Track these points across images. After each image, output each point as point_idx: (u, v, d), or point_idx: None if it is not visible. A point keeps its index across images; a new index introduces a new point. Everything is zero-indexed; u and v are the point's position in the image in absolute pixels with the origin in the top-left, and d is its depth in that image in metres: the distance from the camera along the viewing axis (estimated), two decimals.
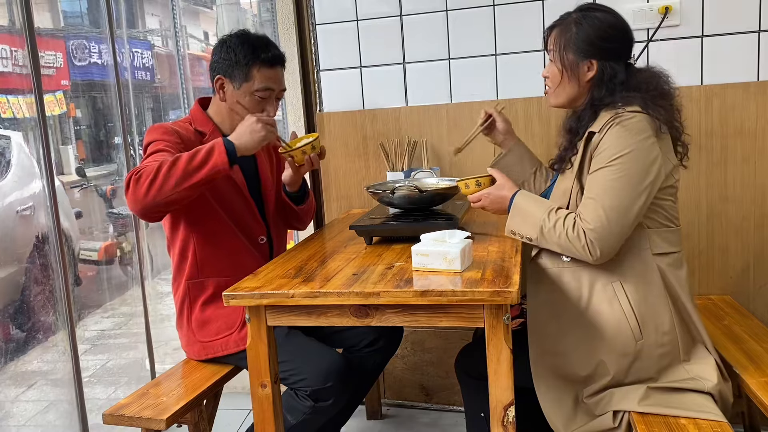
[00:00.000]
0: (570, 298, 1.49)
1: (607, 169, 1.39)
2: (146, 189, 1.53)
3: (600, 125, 1.43)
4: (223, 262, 1.79)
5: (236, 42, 1.76)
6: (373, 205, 2.22)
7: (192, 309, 1.82)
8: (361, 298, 1.32)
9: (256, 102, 1.77)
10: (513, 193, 1.52)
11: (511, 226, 1.51)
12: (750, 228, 2.06)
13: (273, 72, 1.78)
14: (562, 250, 1.44)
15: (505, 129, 1.82)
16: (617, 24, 1.49)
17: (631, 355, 1.43)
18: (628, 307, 1.43)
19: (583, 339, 1.47)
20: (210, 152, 1.56)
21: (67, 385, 2.09)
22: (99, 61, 10.42)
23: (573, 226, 1.40)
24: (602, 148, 1.41)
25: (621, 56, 1.49)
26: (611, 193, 1.38)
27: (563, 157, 1.54)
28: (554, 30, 1.54)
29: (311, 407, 1.63)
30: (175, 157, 1.56)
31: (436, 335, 2.39)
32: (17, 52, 5.89)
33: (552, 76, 1.54)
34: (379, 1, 2.29)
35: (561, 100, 1.55)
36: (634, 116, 1.40)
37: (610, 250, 1.40)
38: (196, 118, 1.83)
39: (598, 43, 1.47)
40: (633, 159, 1.37)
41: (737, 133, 2.02)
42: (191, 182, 1.55)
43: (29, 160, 3.95)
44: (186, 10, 13.40)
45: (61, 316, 2.08)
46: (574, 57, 1.48)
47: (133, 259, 4.96)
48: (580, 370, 1.48)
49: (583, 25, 1.48)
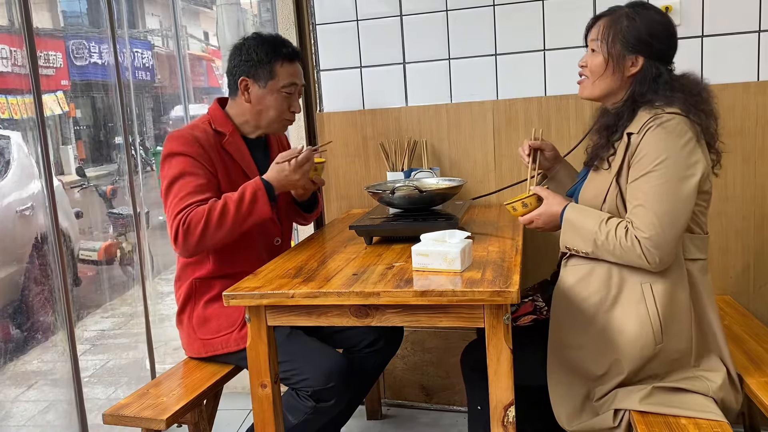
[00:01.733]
0: (597, 294, 1.47)
1: (651, 175, 1.37)
2: (197, 240, 1.64)
3: (638, 126, 1.41)
4: (237, 264, 1.79)
5: (254, 43, 1.79)
6: (373, 205, 2.22)
7: (195, 306, 1.82)
8: (361, 298, 1.32)
9: (282, 99, 1.81)
10: (563, 209, 1.50)
11: (566, 242, 1.50)
12: (750, 228, 2.06)
13: (294, 67, 1.82)
14: (618, 260, 1.42)
15: (553, 155, 1.74)
16: (669, 26, 1.47)
17: (648, 357, 1.43)
18: (654, 310, 1.42)
19: (603, 336, 1.46)
20: (254, 200, 1.67)
21: (67, 385, 2.08)
22: (99, 61, 10.42)
23: (626, 235, 1.38)
24: (643, 152, 1.39)
25: (666, 58, 1.48)
26: (660, 198, 1.36)
27: (599, 155, 1.51)
28: (602, 20, 1.51)
29: (313, 407, 1.63)
30: (222, 209, 1.65)
31: (436, 335, 2.39)
32: (16, 52, 5.89)
33: (593, 67, 1.51)
34: (379, 1, 2.29)
35: (597, 92, 1.52)
36: (673, 118, 1.38)
37: (668, 256, 1.38)
38: (215, 118, 1.84)
39: (647, 39, 1.44)
40: (676, 162, 1.36)
41: (737, 133, 2.02)
42: (238, 232, 1.69)
43: (29, 160, 3.94)
44: (186, 10, 13.42)
45: (60, 316, 2.08)
46: (622, 49, 1.46)
47: (133, 259, 4.96)
48: (595, 367, 1.47)
49: (636, 20, 1.45)
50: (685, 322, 1.44)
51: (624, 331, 1.44)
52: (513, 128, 2.19)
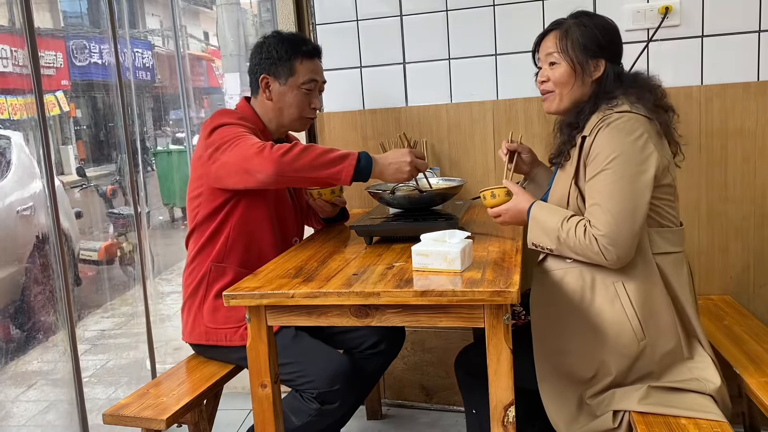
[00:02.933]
0: (573, 299, 1.49)
1: (604, 173, 1.40)
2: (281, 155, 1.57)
3: (590, 128, 1.45)
4: (251, 254, 1.79)
5: (274, 41, 1.80)
6: (373, 205, 2.22)
7: (208, 292, 1.79)
8: (361, 298, 1.32)
9: (303, 95, 1.81)
10: (530, 205, 1.52)
11: (532, 239, 1.52)
12: (750, 228, 2.06)
13: (314, 64, 1.83)
14: (580, 257, 1.44)
15: (530, 159, 1.79)
16: (614, 27, 1.53)
17: (634, 355, 1.43)
18: (629, 307, 1.43)
19: (586, 339, 1.47)
20: (343, 158, 1.62)
21: (67, 385, 2.09)
22: (99, 61, 10.43)
23: (584, 233, 1.40)
24: (595, 152, 1.42)
25: (619, 59, 1.53)
26: (614, 196, 1.38)
27: (562, 150, 1.54)
28: (552, 33, 1.54)
29: (317, 409, 1.63)
30: (311, 145, 1.62)
31: (436, 335, 2.39)
32: (17, 52, 5.90)
33: (558, 78, 1.52)
34: (379, 1, 2.29)
35: (566, 103, 1.54)
36: (622, 116, 1.41)
37: (626, 253, 1.39)
38: (247, 116, 1.83)
39: (605, 43, 1.49)
40: (628, 159, 1.38)
41: (737, 133, 2.02)
42: (312, 175, 1.60)
43: (29, 160, 3.95)
44: (186, 10, 13.42)
45: (61, 316, 2.08)
46: (584, 56, 1.49)
47: (134, 259, 4.97)
48: (583, 370, 1.48)
49: (588, 26, 1.49)
50: (667, 318, 1.44)
51: (604, 332, 1.45)
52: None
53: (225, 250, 1.78)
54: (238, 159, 1.61)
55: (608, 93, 1.48)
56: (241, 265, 1.78)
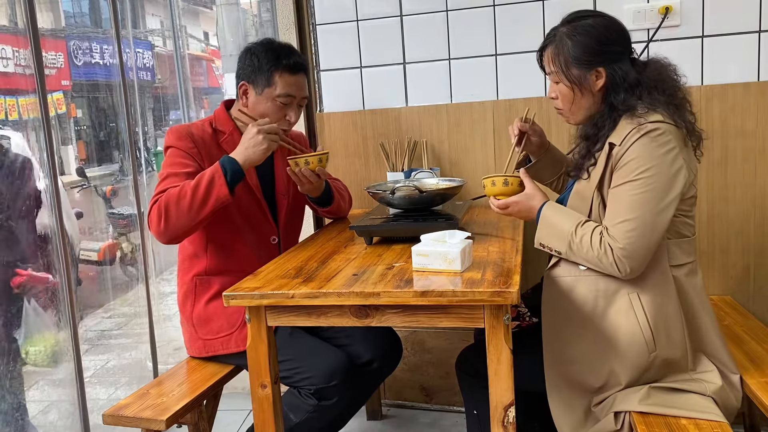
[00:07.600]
0: (585, 307, 1.46)
1: (631, 184, 1.36)
2: (164, 227, 1.62)
3: (621, 136, 1.38)
4: (233, 261, 1.81)
5: (260, 49, 1.79)
6: (373, 206, 2.22)
7: (195, 305, 1.83)
8: (361, 299, 1.32)
9: (277, 107, 1.78)
10: (541, 205, 1.49)
11: (540, 239, 1.49)
12: (750, 229, 2.06)
13: (295, 79, 1.79)
14: (590, 265, 1.42)
15: (539, 142, 1.72)
16: (611, 25, 1.45)
17: (644, 366, 1.42)
18: (643, 319, 1.41)
19: (596, 348, 1.46)
20: (211, 184, 1.62)
21: (69, 385, 2.09)
22: (100, 61, 10.43)
23: (600, 241, 1.37)
24: (625, 161, 1.37)
25: (624, 55, 1.45)
26: (638, 208, 1.35)
27: (581, 165, 1.49)
28: (547, 50, 1.49)
29: (315, 406, 1.64)
30: (179, 193, 1.62)
31: (436, 336, 2.39)
32: (19, 52, 5.90)
33: (562, 96, 1.49)
34: (379, 1, 2.29)
35: (580, 117, 1.51)
36: (658, 128, 1.35)
37: (640, 266, 1.38)
38: (218, 118, 1.86)
39: (598, 49, 1.43)
40: (658, 173, 1.34)
41: (737, 133, 2.01)
42: (200, 217, 1.63)
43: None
44: (186, 10, 13.42)
45: (63, 316, 2.08)
46: (579, 71, 1.44)
47: (135, 260, 4.97)
48: (592, 379, 1.47)
49: (577, 36, 1.43)
50: (677, 330, 1.43)
51: (616, 342, 1.43)
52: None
53: (208, 261, 1.82)
54: None
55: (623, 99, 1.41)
56: (227, 273, 1.79)
